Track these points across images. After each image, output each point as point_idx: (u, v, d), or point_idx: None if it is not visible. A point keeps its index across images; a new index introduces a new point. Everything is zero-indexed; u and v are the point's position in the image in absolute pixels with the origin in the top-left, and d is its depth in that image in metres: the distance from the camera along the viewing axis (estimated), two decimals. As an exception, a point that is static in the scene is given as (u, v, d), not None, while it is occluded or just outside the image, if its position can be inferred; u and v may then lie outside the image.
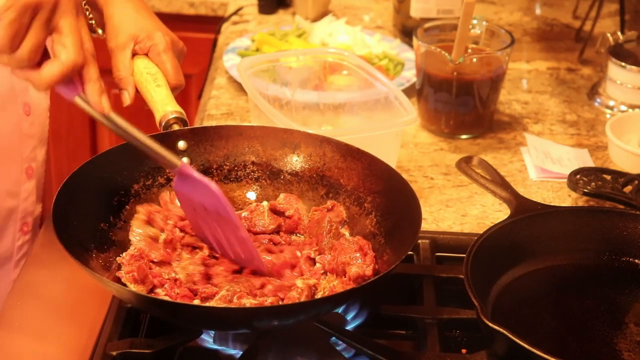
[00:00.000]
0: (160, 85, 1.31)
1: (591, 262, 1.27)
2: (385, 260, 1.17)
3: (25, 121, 1.37)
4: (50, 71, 1.02)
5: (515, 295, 1.21)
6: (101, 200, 1.21)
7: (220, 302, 1.09)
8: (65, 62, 1.02)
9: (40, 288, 1.23)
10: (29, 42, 1.00)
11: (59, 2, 1.01)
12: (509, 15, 2.25)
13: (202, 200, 1.13)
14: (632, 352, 1.12)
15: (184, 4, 2.42)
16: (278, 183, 1.31)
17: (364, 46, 1.94)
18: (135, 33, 1.34)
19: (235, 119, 1.74)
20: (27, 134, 1.39)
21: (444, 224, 1.44)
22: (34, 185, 1.42)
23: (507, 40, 1.67)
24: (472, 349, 1.13)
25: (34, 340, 1.15)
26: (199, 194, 1.13)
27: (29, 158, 1.40)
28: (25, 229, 1.41)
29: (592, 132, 1.73)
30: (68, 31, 1.02)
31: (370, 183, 1.25)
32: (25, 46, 1.00)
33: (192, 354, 1.15)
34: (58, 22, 1.01)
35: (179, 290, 1.12)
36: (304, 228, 1.26)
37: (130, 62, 1.34)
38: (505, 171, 1.59)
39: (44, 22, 1.00)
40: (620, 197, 1.41)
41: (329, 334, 1.13)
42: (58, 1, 1.01)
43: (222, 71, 1.91)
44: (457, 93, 1.65)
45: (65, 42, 1.02)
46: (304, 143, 1.31)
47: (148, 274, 1.13)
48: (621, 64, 1.77)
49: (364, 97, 1.58)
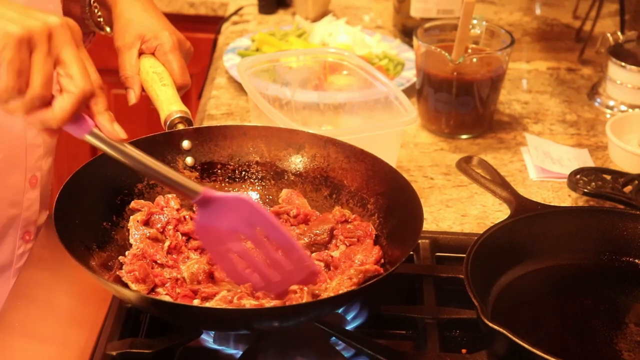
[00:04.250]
0: (166, 85, 1.32)
1: (591, 262, 1.27)
2: (387, 261, 1.17)
3: (31, 130, 1.36)
4: (62, 105, 0.97)
5: (515, 295, 1.21)
6: (104, 199, 1.22)
7: (220, 302, 1.08)
8: (75, 93, 0.97)
9: (40, 288, 1.23)
10: (37, 77, 0.95)
11: (54, 33, 0.96)
12: (509, 15, 2.25)
13: (232, 222, 1.07)
14: (632, 352, 1.13)
15: (184, 4, 2.42)
16: (282, 183, 1.31)
17: (364, 46, 1.94)
18: (142, 32, 1.34)
19: (235, 119, 1.74)
20: (33, 143, 1.37)
21: (444, 224, 1.44)
22: (37, 194, 1.40)
23: (507, 40, 1.67)
24: (472, 349, 1.13)
25: (34, 340, 1.14)
26: (228, 216, 1.07)
27: (33, 167, 1.38)
28: (27, 237, 1.40)
29: (592, 132, 1.73)
30: (71, 61, 0.97)
31: (374, 184, 1.26)
32: (35, 82, 0.95)
33: (192, 354, 1.15)
34: (59, 53, 0.97)
35: (180, 290, 1.12)
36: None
37: (136, 61, 1.34)
38: (505, 171, 1.59)
39: (45, 54, 0.96)
40: (620, 197, 1.41)
41: (329, 334, 1.13)
42: (51, 31, 0.96)
43: (222, 71, 1.91)
44: (457, 93, 1.65)
45: (71, 73, 0.97)
46: (308, 144, 1.31)
47: (149, 273, 1.13)
48: (621, 64, 1.77)
49: (364, 97, 1.58)
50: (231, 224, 1.08)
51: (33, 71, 0.95)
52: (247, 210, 1.07)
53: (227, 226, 1.08)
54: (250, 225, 1.08)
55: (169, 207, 1.24)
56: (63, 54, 0.97)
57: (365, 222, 1.23)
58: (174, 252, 1.18)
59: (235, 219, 1.07)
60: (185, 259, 1.18)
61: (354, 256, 1.17)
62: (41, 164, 1.40)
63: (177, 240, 1.19)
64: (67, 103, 0.98)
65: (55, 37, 0.96)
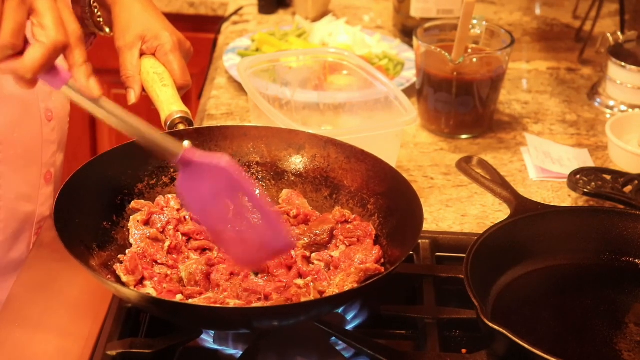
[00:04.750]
0: (166, 85, 1.32)
1: (591, 262, 1.27)
2: (387, 261, 1.17)
3: (47, 127, 1.36)
4: (32, 55, 0.95)
5: (515, 295, 1.21)
6: (104, 199, 1.22)
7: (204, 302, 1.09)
8: (46, 43, 0.95)
9: (40, 288, 1.23)
10: (7, 25, 0.93)
11: None
12: (509, 15, 2.26)
13: (213, 184, 1.03)
14: (632, 352, 1.13)
15: (184, 4, 2.42)
16: (282, 184, 1.31)
17: (364, 46, 1.94)
18: (143, 33, 1.35)
19: (235, 119, 1.74)
20: (48, 139, 1.37)
21: (444, 224, 1.44)
22: (52, 190, 1.41)
23: (507, 40, 1.67)
24: (472, 349, 1.13)
25: (34, 340, 1.14)
26: (209, 180, 1.04)
27: (48, 163, 1.39)
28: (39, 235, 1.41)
29: (592, 132, 1.74)
30: (45, 11, 0.95)
31: (374, 185, 1.26)
32: (5, 30, 0.93)
33: (192, 354, 1.15)
34: (33, 2, 0.95)
35: (167, 285, 1.12)
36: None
37: (137, 61, 1.34)
38: (505, 171, 1.59)
39: (18, 2, 0.93)
40: (620, 197, 1.41)
41: (329, 334, 1.13)
42: None
43: (222, 71, 1.91)
44: (457, 93, 1.65)
45: (43, 23, 0.95)
46: (308, 144, 1.31)
47: (138, 265, 1.13)
48: (621, 64, 1.77)
49: (364, 97, 1.58)
50: (211, 186, 1.04)
51: (4, 19, 0.93)
52: (225, 176, 1.03)
53: (207, 187, 1.04)
54: (230, 189, 1.04)
55: (169, 208, 1.24)
56: (38, 3, 0.95)
57: (365, 222, 1.23)
58: (174, 252, 1.19)
59: (215, 182, 1.03)
60: (185, 259, 1.18)
61: (354, 256, 1.17)
62: (55, 160, 1.41)
63: (177, 241, 1.19)
64: (38, 53, 0.95)
65: None
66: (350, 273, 1.13)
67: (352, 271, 1.13)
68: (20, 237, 1.38)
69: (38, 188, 1.38)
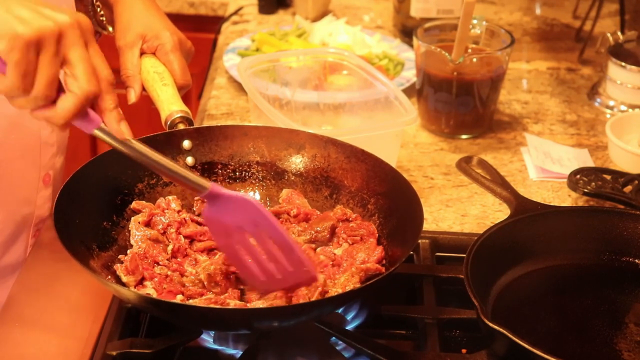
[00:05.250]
0: (166, 85, 1.32)
1: (591, 262, 1.27)
2: (387, 261, 1.17)
3: (45, 129, 1.37)
4: (64, 105, 0.98)
5: (515, 295, 1.21)
6: (104, 199, 1.22)
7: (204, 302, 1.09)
8: (78, 94, 0.98)
9: (40, 288, 1.23)
10: (41, 78, 0.96)
11: (64, 34, 0.97)
12: (509, 15, 2.26)
13: (237, 219, 1.09)
14: (632, 352, 1.13)
15: (184, 4, 2.42)
16: (282, 183, 1.31)
17: (364, 46, 1.94)
18: (144, 32, 1.35)
19: (235, 119, 1.74)
20: (47, 142, 1.38)
21: (444, 224, 1.44)
22: (50, 193, 1.41)
23: (507, 40, 1.67)
24: (472, 349, 1.13)
25: (34, 340, 1.14)
26: (234, 213, 1.09)
27: (47, 166, 1.39)
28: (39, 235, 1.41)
29: (592, 132, 1.74)
30: (77, 62, 0.98)
31: (374, 185, 1.26)
32: (39, 83, 0.96)
33: (192, 354, 1.15)
34: (66, 53, 0.97)
35: (167, 286, 1.12)
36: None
37: (138, 60, 1.34)
38: (505, 171, 1.59)
39: (52, 56, 0.96)
40: (620, 197, 1.41)
41: (329, 334, 1.13)
42: (62, 33, 0.96)
43: (222, 71, 1.91)
44: (457, 93, 1.65)
45: (75, 73, 0.98)
46: (308, 144, 1.31)
47: (139, 265, 1.13)
48: (621, 64, 1.77)
49: (364, 97, 1.58)
50: (236, 220, 1.09)
51: (38, 72, 0.96)
52: (251, 211, 1.08)
53: (232, 221, 1.10)
54: (254, 224, 1.09)
55: (170, 209, 1.24)
56: (70, 54, 0.98)
57: (367, 222, 1.23)
58: (179, 255, 1.18)
59: (240, 216, 1.09)
60: (193, 261, 1.18)
61: (356, 254, 1.17)
62: (54, 162, 1.41)
63: (179, 244, 1.19)
64: (70, 103, 0.99)
65: (64, 38, 0.97)
66: (351, 273, 1.13)
67: (352, 271, 1.13)
68: (18, 239, 1.38)
69: (36, 190, 1.38)
